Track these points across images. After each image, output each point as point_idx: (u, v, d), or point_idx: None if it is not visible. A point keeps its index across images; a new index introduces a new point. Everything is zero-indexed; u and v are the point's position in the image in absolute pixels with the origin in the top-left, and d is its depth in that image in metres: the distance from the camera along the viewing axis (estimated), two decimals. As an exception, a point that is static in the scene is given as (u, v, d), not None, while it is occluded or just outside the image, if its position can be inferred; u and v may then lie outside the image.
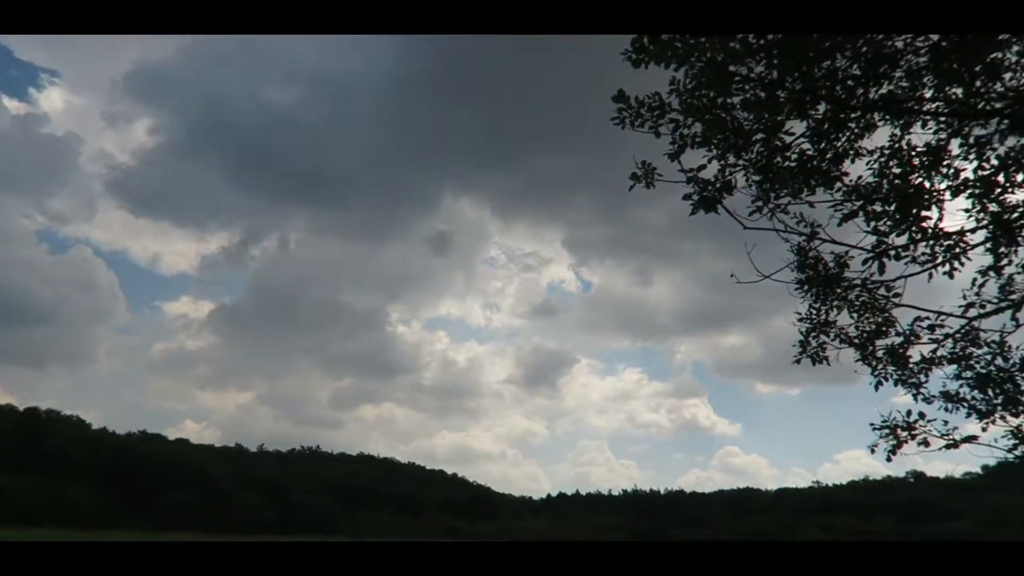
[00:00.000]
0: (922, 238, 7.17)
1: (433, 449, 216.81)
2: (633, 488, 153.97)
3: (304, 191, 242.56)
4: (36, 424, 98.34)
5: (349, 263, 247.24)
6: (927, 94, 7.22)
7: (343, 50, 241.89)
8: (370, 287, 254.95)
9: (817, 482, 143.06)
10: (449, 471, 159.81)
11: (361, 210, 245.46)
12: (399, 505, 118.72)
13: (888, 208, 6.72)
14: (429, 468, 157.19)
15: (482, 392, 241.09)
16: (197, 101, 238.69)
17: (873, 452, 7.65)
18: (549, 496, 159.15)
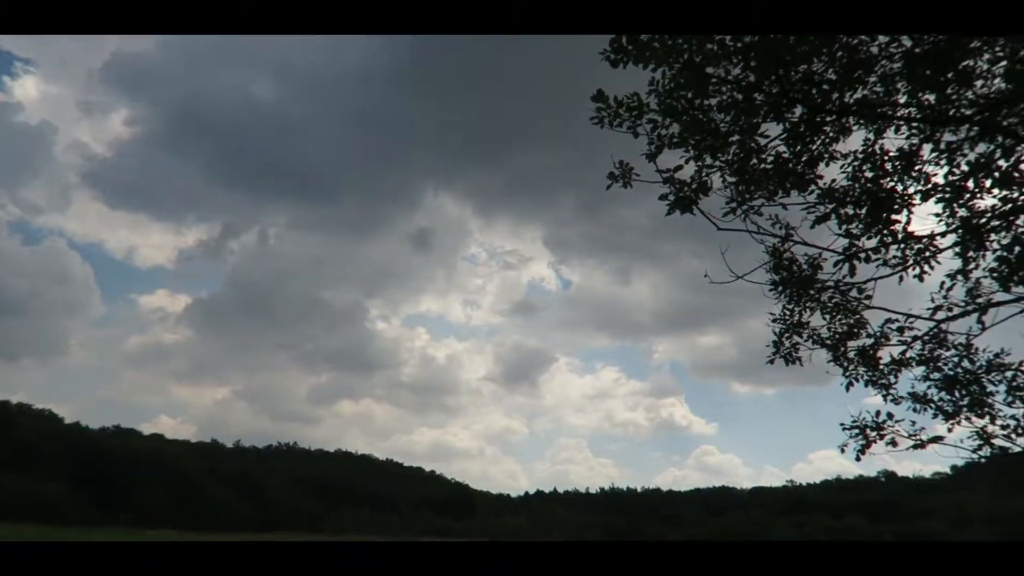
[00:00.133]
0: (893, 241, 7.30)
1: (412, 446, 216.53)
2: (611, 486, 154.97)
3: (284, 185, 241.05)
4: (7, 417, 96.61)
5: (329, 258, 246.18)
6: (901, 100, 7.34)
7: (325, 44, 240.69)
8: (350, 283, 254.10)
9: (791, 481, 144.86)
10: (427, 468, 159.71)
11: (342, 205, 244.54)
12: (377, 502, 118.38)
13: (859, 211, 6.83)
14: (407, 465, 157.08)
15: (461, 389, 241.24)
16: (176, 93, 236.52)
17: (843, 452, 7.78)
18: (527, 494, 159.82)
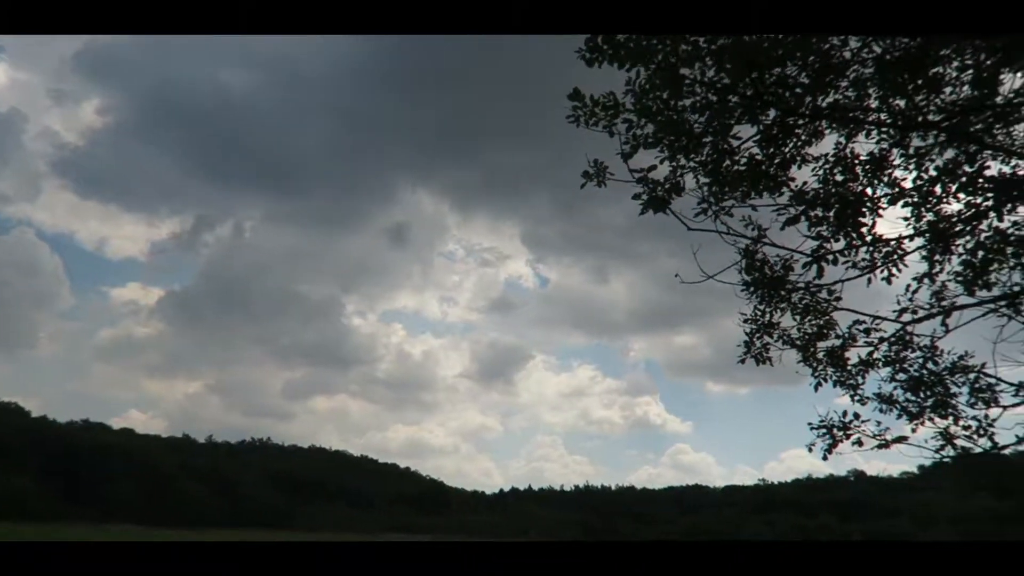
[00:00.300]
0: (861, 244, 7.41)
1: (387, 442, 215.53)
2: (585, 484, 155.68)
3: (260, 178, 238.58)
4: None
5: (305, 252, 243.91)
6: (872, 104, 7.45)
7: (302, 37, 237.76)
8: (326, 277, 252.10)
9: (763, 480, 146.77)
10: (402, 465, 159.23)
11: (318, 199, 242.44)
12: (350, 498, 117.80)
13: (828, 214, 6.94)
14: (382, 461, 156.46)
15: (437, 386, 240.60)
16: (150, 82, 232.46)
17: (810, 451, 7.89)
18: (502, 491, 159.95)
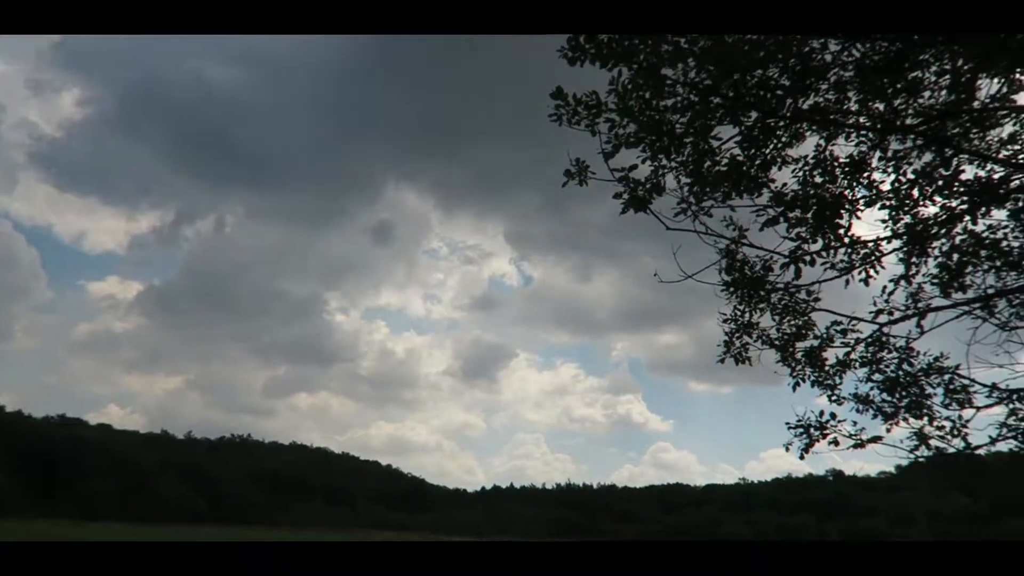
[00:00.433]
0: (839, 245, 7.49)
1: (368, 440, 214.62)
2: (567, 482, 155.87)
3: (242, 173, 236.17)
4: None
5: (287, 249, 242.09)
6: (852, 107, 7.53)
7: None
8: (308, 274, 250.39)
9: (743, 479, 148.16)
10: (384, 462, 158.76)
11: (301, 195, 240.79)
12: (331, 495, 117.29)
13: (806, 216, 7.00)
14: (363, 459, 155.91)
15: (420, 383, 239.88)
16: (131, 74, 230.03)
17: (787, 450, 7.97)
18: (484, 489, 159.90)
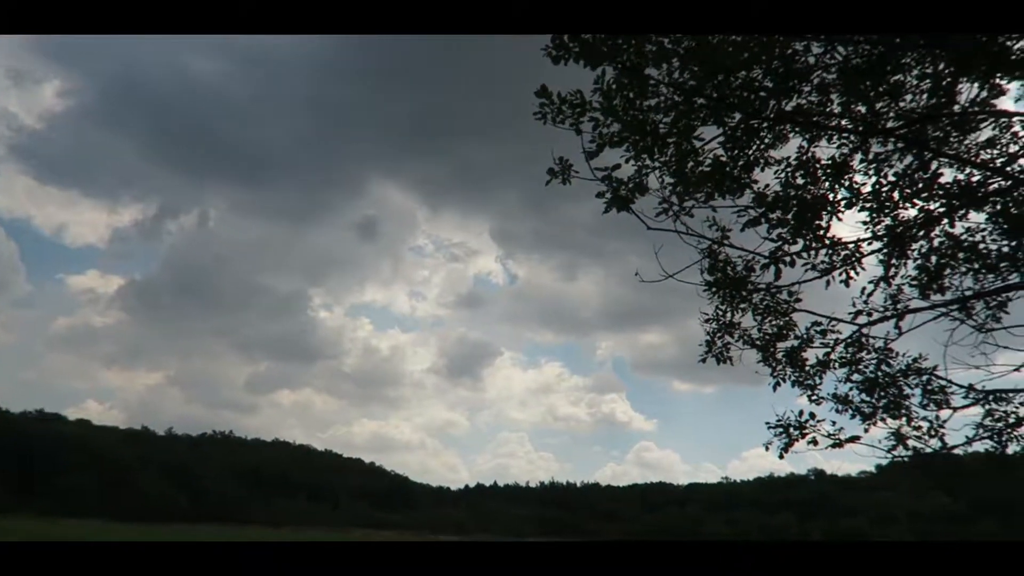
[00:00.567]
0: (820, 246, 7.54)
1: (352, 437, 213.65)
2: (550, 481, 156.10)
3: (226, 167, 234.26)
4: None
5: (271, 244, 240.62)
6: (835, 110, 7.58)
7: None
8: (292, 270, 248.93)
9: (726, 478, 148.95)
10: (367, 460, 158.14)
11: (286, 190, 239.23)
12: (313, 493, 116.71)
13: (787, 216, 7.04)
14: (346, 456, 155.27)
15: (404, 381, 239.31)
16: (114, 66, 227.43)
17: (767, 449, 8.00)
18: (467, 487, 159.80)
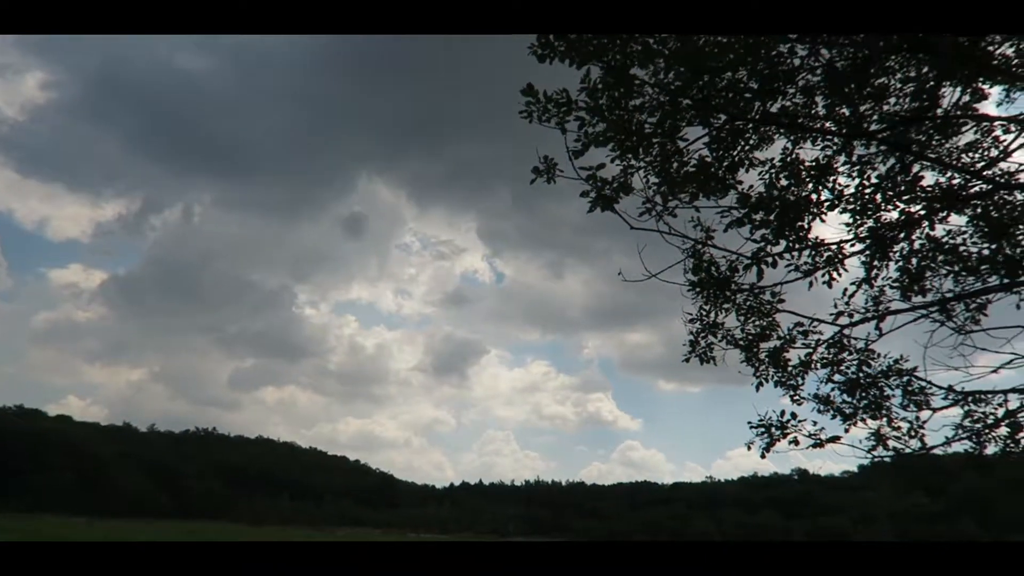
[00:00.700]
0: (803, 247, 7.57)
1: (337, 435, 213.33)
2: (536, 479, 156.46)
3: (212, 162, 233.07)
4: None
5: (257, 240, 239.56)
6: (820, 112, 7.61)
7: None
8: (278, 266, 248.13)
9: (710, 477, 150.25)
10: (352, 457, 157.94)
11: (272, 186, 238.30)
12: (297, 491, 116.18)
13: (769, 217, 7.07)
14: (331, 454, 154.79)
15: (390, 379, 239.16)
16: (97, 58, 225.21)
17: (749, 449, 8.04)
18: (452, 485, 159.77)
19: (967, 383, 7.96)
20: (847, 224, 7.87)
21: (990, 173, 8.02)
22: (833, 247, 7.64)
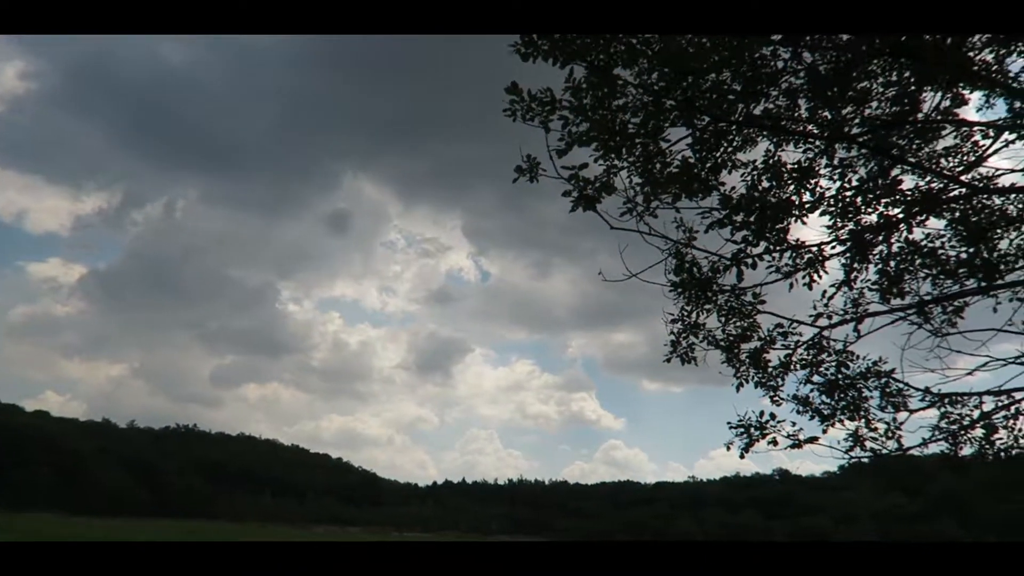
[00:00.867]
0: (785, 248, 7.62)
1: (319, 432, 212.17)
2: (519, 478, 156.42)
3: (195, 156, 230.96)
4: None
5: (240, 235, 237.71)
6: (803, 114, 7.66)
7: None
8: (261, 262, 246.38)
9: (692, 477, 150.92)
10: (335, 455, 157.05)
11: (256, 181, 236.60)
12: (279, 488, 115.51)
13: (749, 219, 7.11)
14: (313, 452, 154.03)
15: (373, 376, 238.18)
16: (78, 48, 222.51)
17: (728, 449, 8.08)
18: (435, 484, 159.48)
19: (943, 385, 8.08)
20: (828, 226, 7.93)
21: (968, 177, 8.12)
22: (814, 249, 7.71)
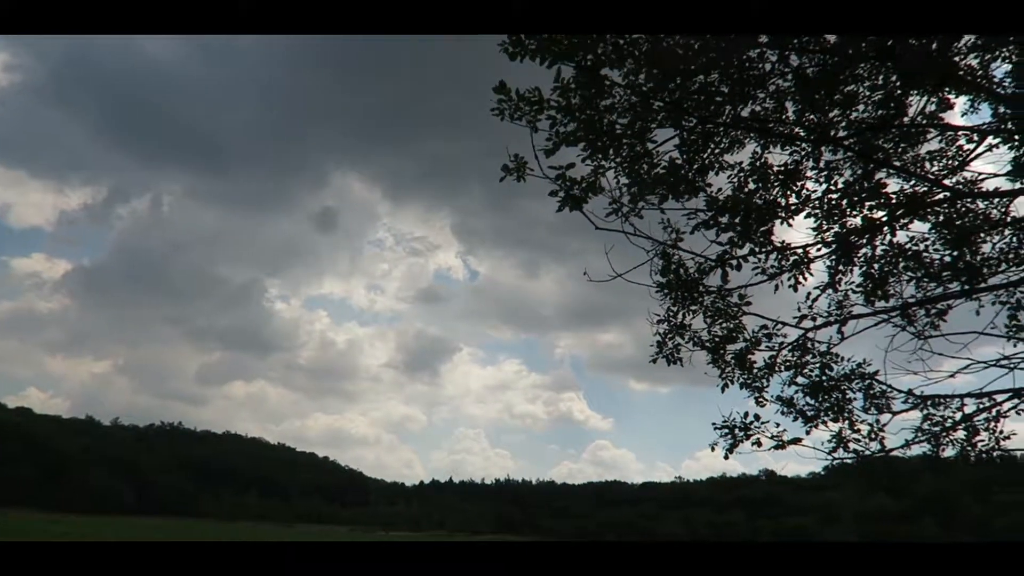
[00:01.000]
0: (771, 250, 7.65)
1: (306, 431, 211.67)
2: (506, 478, 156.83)
3: (183, 153, 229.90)
4: None
5: (227, 232, 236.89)
6: (790, 117, 7.69)
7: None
8: (248, 259, 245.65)
9: (679, 477, 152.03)
10: (321, 454, 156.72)
11: (244, 178, 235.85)
12: (265, 487, 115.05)
13: (735, 221, 7.14)
14: (300, 450, 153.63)
15: (360, 375, 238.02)
16: (63, 41, 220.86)
17: (713, 449, 8.11)
18: (422, 483, 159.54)
19: (926, 387, 8.13)
20: (813, 229, 7.98)
21: (953, 181, 8.19)
22: (799, 251, 7.75)
